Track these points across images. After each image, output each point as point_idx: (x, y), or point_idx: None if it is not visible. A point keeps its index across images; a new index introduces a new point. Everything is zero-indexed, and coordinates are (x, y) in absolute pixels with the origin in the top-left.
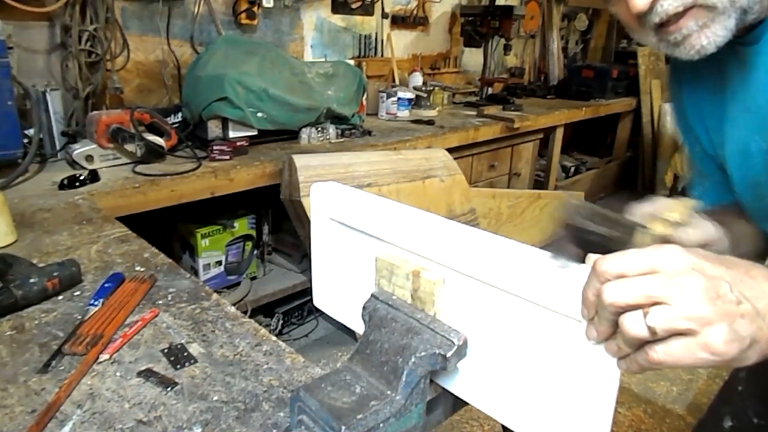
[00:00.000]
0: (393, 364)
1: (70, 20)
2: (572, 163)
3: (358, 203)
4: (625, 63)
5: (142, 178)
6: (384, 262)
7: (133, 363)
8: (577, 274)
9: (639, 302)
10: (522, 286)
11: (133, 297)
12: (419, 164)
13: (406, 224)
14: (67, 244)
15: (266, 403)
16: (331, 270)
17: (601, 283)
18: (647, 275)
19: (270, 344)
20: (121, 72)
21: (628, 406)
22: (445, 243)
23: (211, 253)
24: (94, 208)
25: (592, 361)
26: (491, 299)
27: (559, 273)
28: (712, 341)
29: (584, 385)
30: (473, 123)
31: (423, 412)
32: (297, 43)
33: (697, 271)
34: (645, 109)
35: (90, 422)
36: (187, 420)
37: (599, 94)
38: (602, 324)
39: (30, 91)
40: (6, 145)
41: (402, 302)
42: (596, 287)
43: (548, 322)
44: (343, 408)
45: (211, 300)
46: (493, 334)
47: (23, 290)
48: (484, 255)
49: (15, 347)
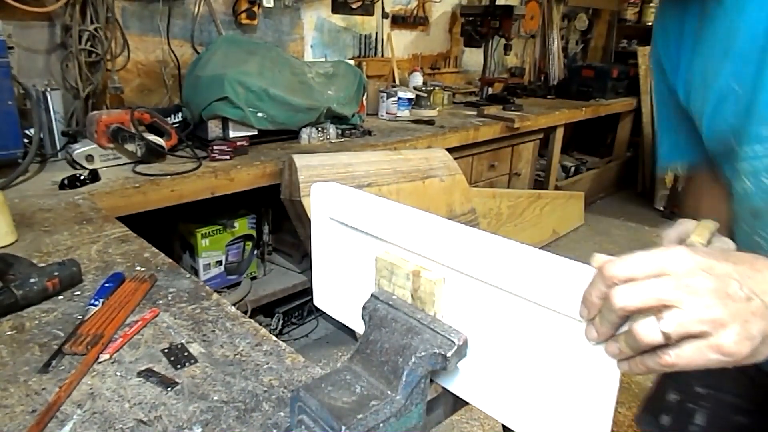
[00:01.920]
0: (393, 364)
1: (70, 20)
2: (572, 163)
3: (358, 203)
4: (626, 63)
5: (143, 178)
6: (384, 262)
7: (133, 363)
8: (577, 274)
9: (649, 305)
10: (522, 285)
11: (133, 297)
12: (419, 164)
13: (406, 224)
14: (68, 243)
15: (266, 403)
16: (332, 270)
17: (608, 286)
18: (657, 278)
19: (270, 344)
20: (122, 72)
21: (628, 406)
22: (445, 243)
23: (211, 252)
24: (95, 207)
25: (592, 361)
26: (492, 299)
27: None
28: (724, 343)
29: (584, 385)
30: (473, 123)
31: (423, 412)
32: (297, 43)
33: (706, 271)
34: (645, 109)
35: (90, 422)
36: (188, 420)
37: (599, 94)
38: (605, 326)
39: (30, 90)
40: (6, 145)
41: (402, 302)
42: (601, 290)
43: (548, 322)
44: (344, 408)
45: (212, 300)
46: (494, 333)
47: (23, 290)
48: (484, 255)
49: (15, 347)
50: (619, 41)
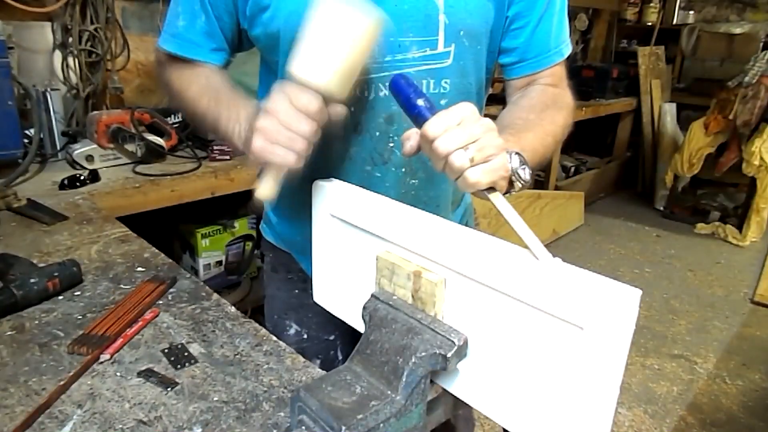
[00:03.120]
0: (393, 365)
1: (70, 20)
2: (572, 163)
3: (360, 201)
4: (626, 63)
5: (143, 178)
6: (385, 262)
7: (133, 363)
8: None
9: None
10: (522, 290)
11: (148, 298)
12: None
13: (407, 224)
14: (68, 244)
15: (266, 403)
16: (332, 267)
17: (431, 141)
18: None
19: (270, 344)
20: (122, 72)
21: (628, 406)
22: (446, 245)
23: (211, 253)
24: (95, 208)
25: (592, 363)
26: (492, 302)
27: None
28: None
29: (584, 388)
30: None
31: (423, 413)
32: None
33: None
34: (645, 109)
35: (90, 422)
36: (188, 420)
37: (599, 94)
38: (438, 164)
39: (30, 91)
40: (6, 145)
41: (402, 302)
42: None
43: (548, 326)
44: (344, 408)
45: (212, 300)
46: (494, 336)
47: (24, 290)
48: (485, 258)
49: (15, 347)
50: (619, 41)
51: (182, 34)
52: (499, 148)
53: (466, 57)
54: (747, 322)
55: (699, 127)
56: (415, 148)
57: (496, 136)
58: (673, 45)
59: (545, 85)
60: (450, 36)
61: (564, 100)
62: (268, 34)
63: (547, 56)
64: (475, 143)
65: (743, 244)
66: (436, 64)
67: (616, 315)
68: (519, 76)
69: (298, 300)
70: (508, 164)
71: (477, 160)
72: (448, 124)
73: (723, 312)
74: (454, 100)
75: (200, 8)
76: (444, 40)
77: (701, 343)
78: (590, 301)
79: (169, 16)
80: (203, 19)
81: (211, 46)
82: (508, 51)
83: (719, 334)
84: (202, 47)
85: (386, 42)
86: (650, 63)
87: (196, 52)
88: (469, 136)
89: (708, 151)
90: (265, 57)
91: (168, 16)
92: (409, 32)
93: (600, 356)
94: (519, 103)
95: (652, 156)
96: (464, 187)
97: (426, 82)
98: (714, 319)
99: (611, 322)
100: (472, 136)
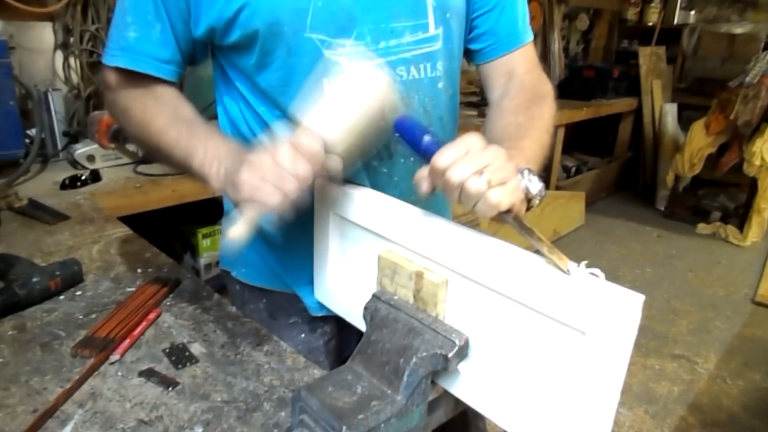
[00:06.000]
0: (394, 365)
1: (71, 20)
2: (573, 163)
3: (362, 200)
4: (627, 63)
5: (144, 177)
6: (387, 261)
7: (134, 363)
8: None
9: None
10: (524, 293)
11: (152, 300)
12: None
13: (410, 224)
14: (69, 244)
15: (267, 403)
16: (334, 265)
17: (442, 173)
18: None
19: (271, 344)
20: None
21: (629, 406)
22: (449, 246)
23: (212, 253)
24: (96, 207)
25: (594, 368)
26: (494, 304)
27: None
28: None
29: (585, 391)
30: (474, 123)
31: (424, 413)
32: None
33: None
34: (646, 109)
35: (91, 422)
36: (189, 420)
37: (600, 94)
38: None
39: (32, 91)
40: (8, 145)
41: (404, 302)
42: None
43: (549, 329)
44: (345, 408)
45: (213, 300)
46: (496, 338)
47: (26, 289)
48: (488, 260)
49: (17, 347)
50: (620, 41)
51: (134, 47)
52: (512, 171)
53: (453, 39)
54: (748, 322)
55: (700, 127)
56: (431, 186)
57: (506, 160)
58: (674, 45)
59: (522, 76)
60: (438, 18)
61: (544, 88)
62: (246, 35)
63: (517, 36)
64: (488, 167)
65: (744, 245)
66: (430, 47)
67: (618, 320)
68: (494, 58)
69: (306, 345)
70: (522, 184)
71: (494, 182)
72: (456, 154)
73: (724, 312)
74: (446, 85)
75: (154, 17)
76: (434, 23)
77: (702, 343)
78: (593, 306)
79: (114, 29)
80: (158, 29)
81: (166, 59)
82: (480, 36)
83: (720, 334)
84: (157, 61)
85: (378, 28)
86: (651, 63)
87: (150, 66)
88: (481, 161)
89: (709, 151)
90: (233, 63)
91: (113, 29)
92: (400, 17)
93: (601, 361)
94: (504, 106)
95: (653, 156)
96: (485, 210)
97: (423, 66)
98: (715, 319)
99: (613, 327)
100: (483, 161)
